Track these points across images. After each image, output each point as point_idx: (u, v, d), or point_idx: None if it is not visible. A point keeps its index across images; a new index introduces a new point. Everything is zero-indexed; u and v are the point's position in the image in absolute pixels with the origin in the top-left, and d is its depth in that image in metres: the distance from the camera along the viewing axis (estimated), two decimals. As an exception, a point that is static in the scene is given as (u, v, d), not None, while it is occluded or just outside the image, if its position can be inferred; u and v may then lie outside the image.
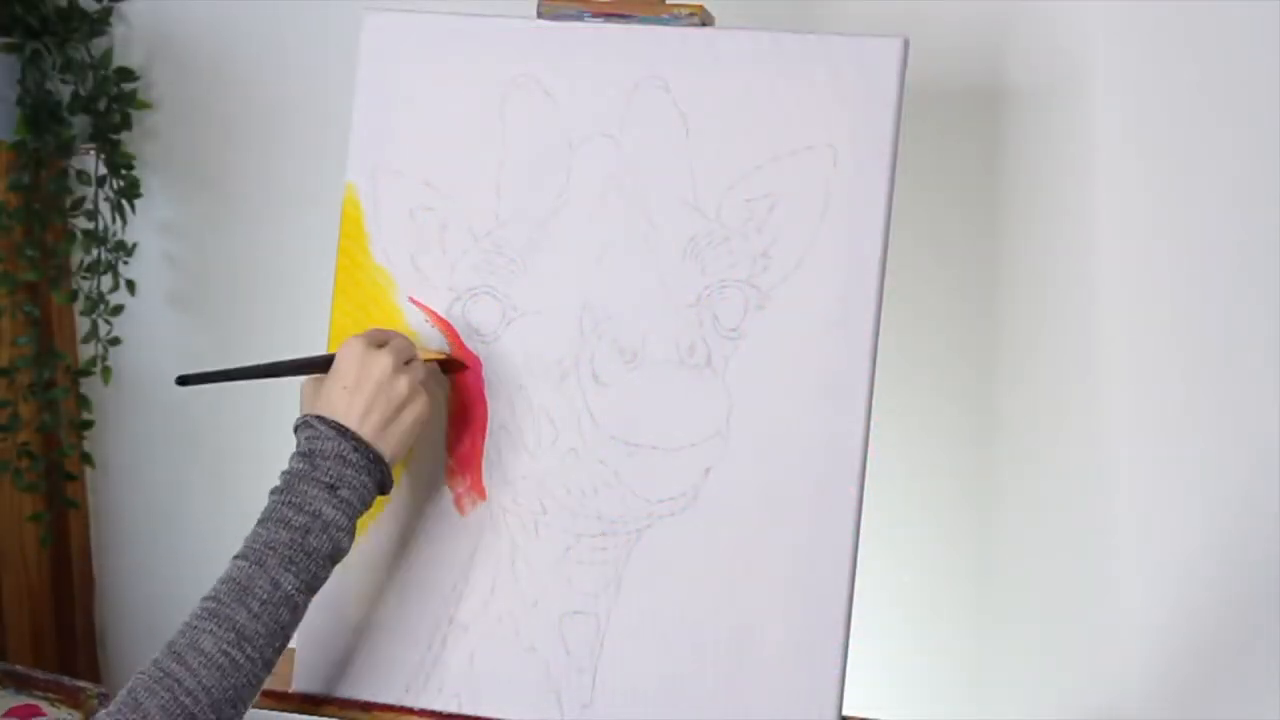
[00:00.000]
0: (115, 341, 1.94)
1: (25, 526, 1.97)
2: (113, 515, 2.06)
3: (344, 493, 1.15)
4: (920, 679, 1.68)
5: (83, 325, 1.94)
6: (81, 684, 1.38)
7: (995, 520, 1.64)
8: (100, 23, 1.86)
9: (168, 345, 1.98)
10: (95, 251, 1.89)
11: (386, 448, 1.18)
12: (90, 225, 1.88)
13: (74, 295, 1.93)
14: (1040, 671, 1.64)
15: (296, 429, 1.19)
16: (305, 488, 1.14)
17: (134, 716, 1.04)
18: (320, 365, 1.21)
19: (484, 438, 1.30)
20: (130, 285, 1.93)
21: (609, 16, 1.30)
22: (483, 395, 1.30)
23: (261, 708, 1.34)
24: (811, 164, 1.24)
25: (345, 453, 1.15)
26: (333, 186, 1.37)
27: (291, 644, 1.32)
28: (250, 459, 1.95)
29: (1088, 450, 1.58)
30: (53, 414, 1.92)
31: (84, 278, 1.91)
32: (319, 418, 1.17)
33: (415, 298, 1.32)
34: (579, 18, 1.31)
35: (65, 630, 2.06)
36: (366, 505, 1.17)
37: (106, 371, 1.93)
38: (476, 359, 1.30)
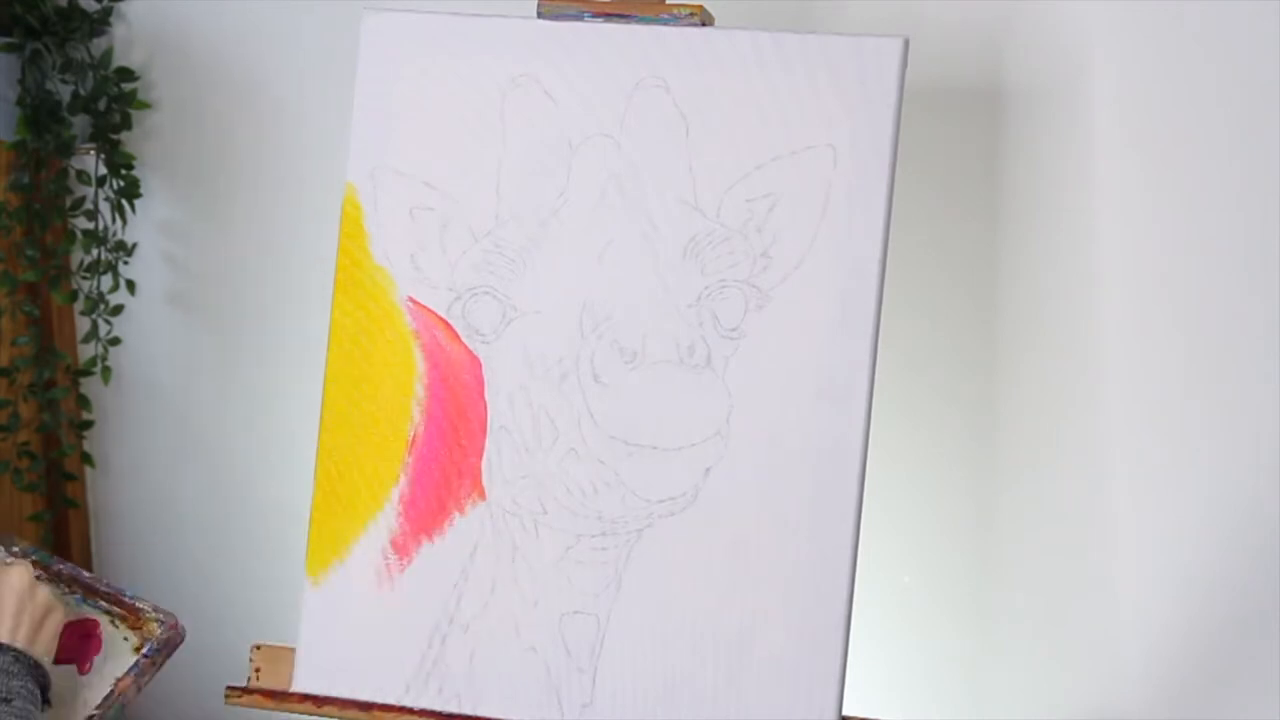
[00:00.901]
0: (115, 341, 1.94)
1: (25, 526, 1.97)
2: (113, 515, 2.06)
3: (17, 703, 1.20)
4: (920, 679, 1.68)
5: (83, 325, 1.94)
6: (141, 604, 1.39)
7: (995, 520, 1.64)
8: (100, 23, 1.86)
9: (168, 345, 1.98)
10: (95, 251, 1.89)
11: (38, 652, 1.25)
12: (90, 225, 1.88)
13: (74, 295, 1.92)
14: (1040, 671, 1.64)
15: None
16: None
17: None
18: None
19: (484, 438, 1.30)
20: (130, 285, 1.93)
21: (609, 16, 1.30)
22: (483, 395, 1.30)
23: (262, 708, 1.34)
24: (812, 164, 1.24)
25: (6, 665, 1.22)
26: (333, 186, 1.37)
27: (291, 644, 1.33)
28: (250, 459, 1.96)
29: (1087, 450, 1.58)
30: (53, 414, 1.92)
31: (84, 278, 1.90)
32: None
33: (415, 298, 1.32)
34: (579, 18, 1.31)
35: (65, 630, 2.05)
36: (37, 708, 1.23)
37: (106, 371, 1.93)
38: (476, 359, 1.30)
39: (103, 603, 1.40)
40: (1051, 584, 1.62)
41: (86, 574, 1.42)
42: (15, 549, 1.45)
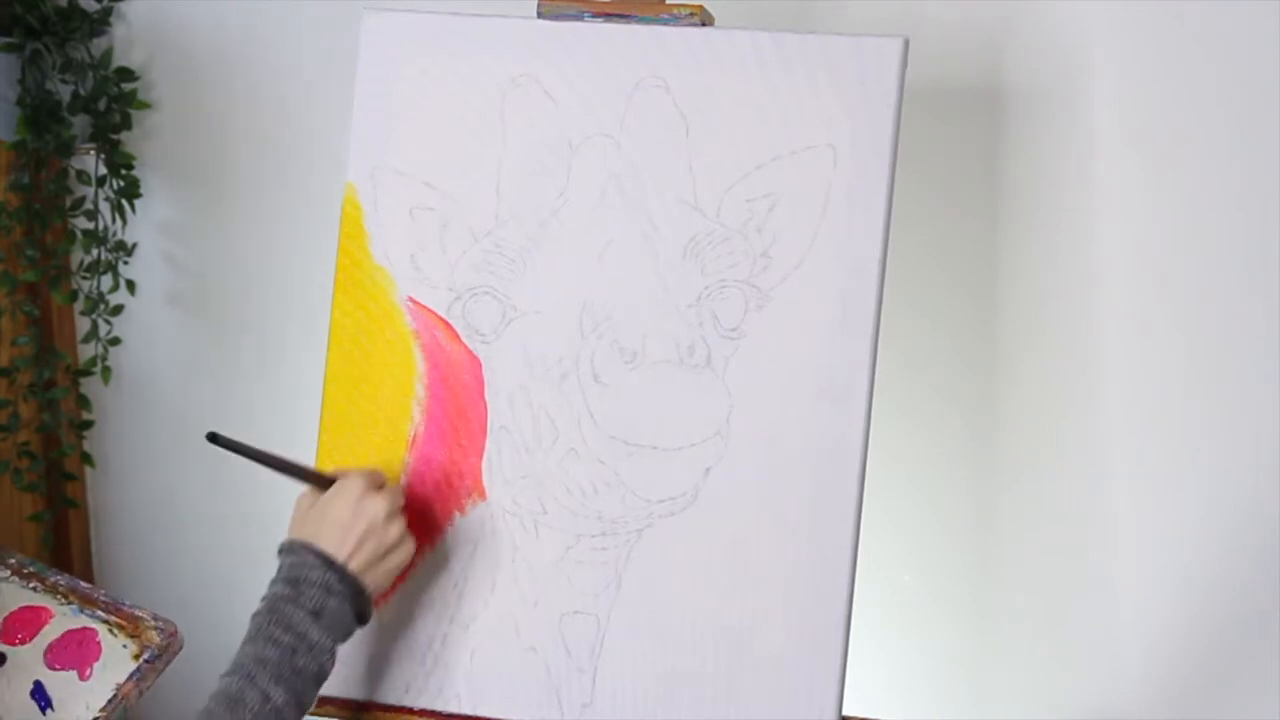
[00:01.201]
0: (115, 341, 1.94)
1: (25, 526, 1.97)
2: (113, 515, 2.06)
3: (327, 620, 1.18)
4: (920, 679, 1.68)
5: (83, 325, 1.94)
6: (140, 612, 1.39)
7: (995, 520, 1.64)
8: (100, 23, 1.86)
9: (168, 345, 1.98)
10: (95, 251, 1.89)
11: (371, 582, 1.22)
12: (90, 225, 1.88)
13: (74, 295, 1.93)
14: (1040, 671, 1.64)
15: (282, 551, 1.22)
16: (290, 610, 1.17)
17: None
18: (320, 483, 1.25)
19: (484, 438, 1.30)
20: (130, 285, 1.93)
21: (609, 16, 1.30)
22: (483, 395, 1.30)
23: (261, 708, 1.34)
24: (812, 164, 1.24)
25: (330, 583, 1.19)
26: (333, 186, 1.37)
27: (291, 644, 1.33)
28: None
29: (1087, 450, 1.58)
30: (53, 414, 1.92)
31: (84, 278, 1.91)
32: (306, 545, 1.20)
33: (415, 298, 1.32)
34: (579, 18, 1.31)
35: (65, 630, 2.05)
36: (348, 633, 1.20)
37: (106, 371, 1.93)
38: (476, 359, 1.30)
39: (100, 612, 1.40)
40: (1051, 584, 1.62)
41: (84, 584, 1.42)
42: (12, 560, 1.45)
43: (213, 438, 1.22)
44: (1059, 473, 1.60)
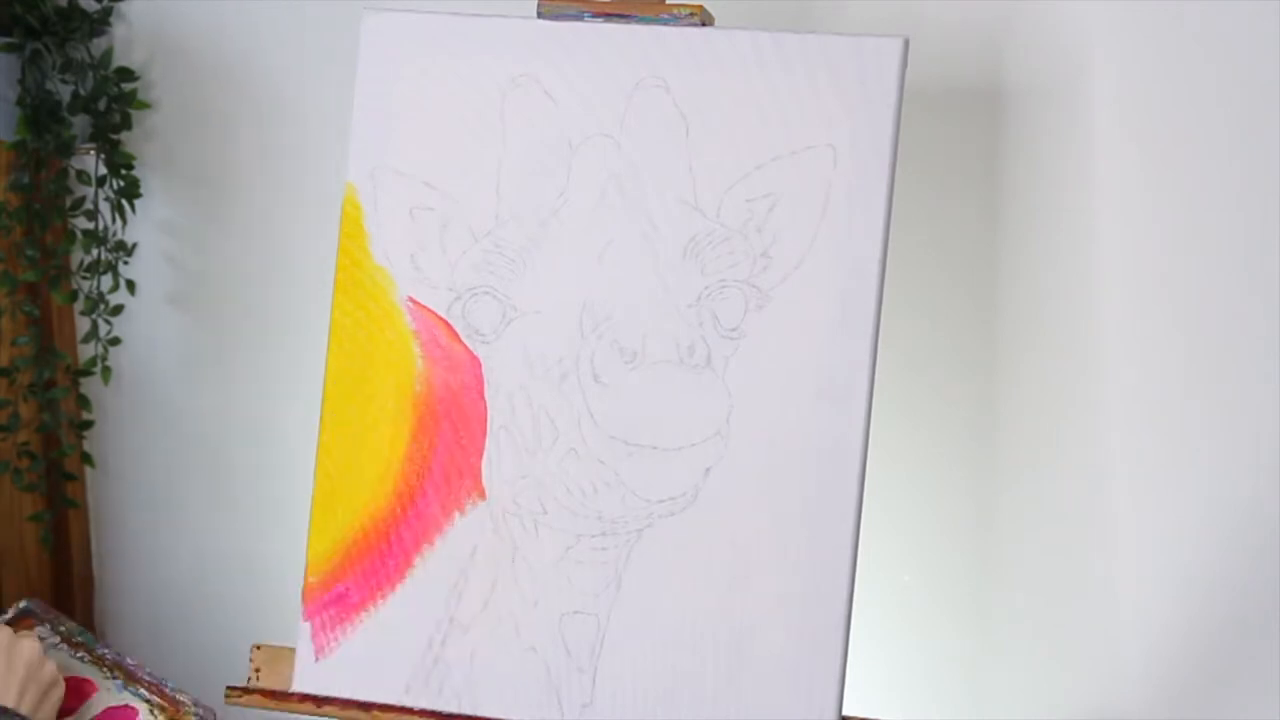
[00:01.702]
0: (115, 341, 1.94)
1: (25, 526, 1.97)
2: (113, 515, 2.06)
3: None
4: (920, 679, 1.68)
5: (83, 325, 1.94)
6: (182, 697, 1.40)
7: (995, 520, 1.64)
8: (100, 23, 1.86)
9: (168, 345, 1.98)
10: (95, 251, 1.89)
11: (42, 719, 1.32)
12: (90, 225, 1.88)
13: (74, 295, 1.92)
14: (1040, 671, 1.64)
15: None
16: None
17: None
18: None
19: (484, 438, 1.30)
20: (130, 285, 1.93)
21: (609, 16, 1.30)
22: (483, 395, 1.30)
23: (262, 707, 1.34)
24: (812, 164, 1.24)
25: None
26: (333, 186, 1.37)
27: (291, 644, 1.33)
28: (250, 459, 1.96)
29: (1088, 450, 1.58)
30: (53, 414, 1.92)
31: (84, 278, 1.90)
32: None
33: (415, 298, 1.32)
34: (579, 17, 1.31)
35: (65, 630, 2.06)
36: None
37: (106, 371, 1.93)
38: (476, 359, 1.30)
39: (144, 690, 1.41)
40: (1051, 584, 1.62)
41: (129, 660, 1.42)
42: (63, 628, 1.47)
43: None
44: (1059, 473, 1.60)
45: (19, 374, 1.90)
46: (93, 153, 1.88)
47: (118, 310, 1.93)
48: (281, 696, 1.32)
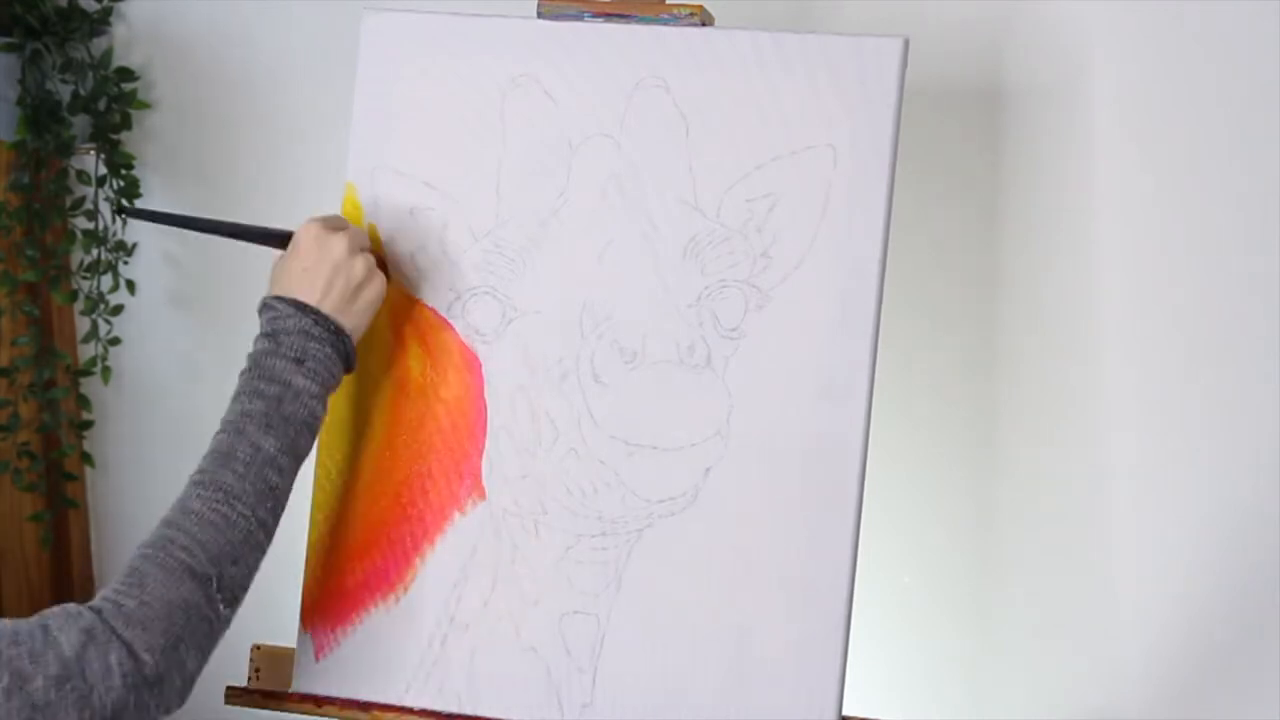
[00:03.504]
0: (115, 341, 1.94)
1: (25, 526, 1.97)
2: (113, 515, 2.06)
3: (310, 364, 1.18)
4: (920, 679, 1.68)
5: (83, 325, 1.94)
6: None
7: (995, 520, 1.64)
8: (100, 23, 1.86)
9: (168, 345, 1.98)
10: (95, 251, 1.89)
11: (347, 322, 1.21)
12: (90, 225, 1.88)
13: (74, 295, 1.93)
14: (1040, 671, 1.64)
15: (260, 311, 1.22)
16: (272, 362, 1.17)
17: (133, 581, 1.07)
18: (278, 240, 1.25)
19: (484, 438, 1.30)
20: (130, 285, 1.93)
21: (609, 16, 1.30)
22: (482, 395, 1.30)
23: (262, 708, 1.34)
24: (812, 164, 1.24)
25: (307, 327, 1.19)
26: (333, 186, 1.37)
27: (291, 644, 1.33)
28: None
29: (1088, 450, 1.58)
30: (53, 414, 1.92)
31: (84, 278, 1.91)
32: (278, 298, 1.20)
33: (415, 297, 1.32)
34: (579, 18, 1.31)
35: (65, 630, 2.05)
36: (334, 377, 1.21)
37: (106, 371, 1.93)
38: (476, 359, 1.30)
39: None
40: (1051, 584, 1.62)
41: None
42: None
43: (121, 210, 1.23)
44: (1059, 473, 1.60)
45: (19, 374, 1.90)
46: (93, 153, 1.88)
47: (118, 310, 1.93)
48: (281, 697, 1.32)
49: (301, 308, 1.19)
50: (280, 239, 1.26)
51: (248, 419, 1.15)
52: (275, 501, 1.15)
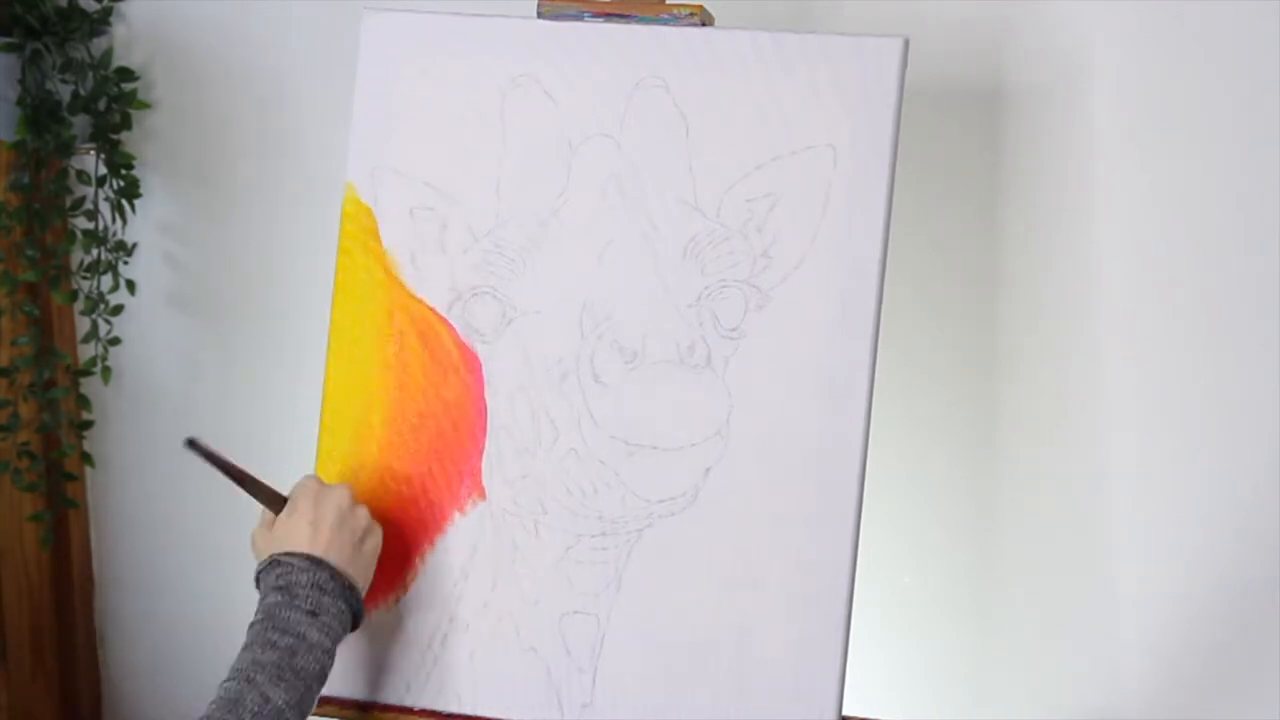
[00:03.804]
0: (115, 341, 1.94)
1: (25, 526, 1.97)
2: (113, 515, 2.06)
3: (324, 618, 1.17)
4: (920, 679, 1.68)
5: (83, 325, 1.94)
6: None
7: (995, 520, 1.64)
8: (100, 23, 1.86)
9: (168, 345, 1.98)
10: (95, 251, 1.89)
11: (356, 576, 1.21)
12: (90, 225, 1.88)
13: (74, 295, 1.92)
14: (1040, 671, 1.64)
15: (261, 573, 1.20)
16: (287, 614, 1.16)
17: None
18: (275, 502, 1.25)
19: (484, 438, 1.30)
20: (130, 285, 1.93)
21: (609, 16, 1.30)
22: (483, 395, 1.30)
23: (262, 708, 1.34)
24: (812, 164, 1.24)
25: (322, 582, 1.18)
26: (333, 186, 1.37)
27: (291, 644, 1.33)
28: (250, 459, 1.95)
29: (1088, 450, 1.58)
30: (53, 414, 1.92)
31: (84, 278, 1.91)
32: (286, 554, 1.19)
33: (415, 297, 1.32)
34: (579, 18, 1.31)
35: (65, 630, 2.05)
36: (344, 631, 1.19)
37: (106, 371, 1.93)
38: (476, 359, 1.30)
39: None
40: (1052, 584, 1.62)
41: None
42: None
43: (191, 444, 1.21)
44: (1059, 473, 1.60)
45: (19, 374, 1.90)
46: (93, 153, 1.88)
47: (118, 310, 1.93)
48: (281, 696, 1.32)
49: (315, 562, 1.18)
50: (277, 500, 1.25)
51: (258, 669, 1.13)
52: None
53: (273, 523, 1.23)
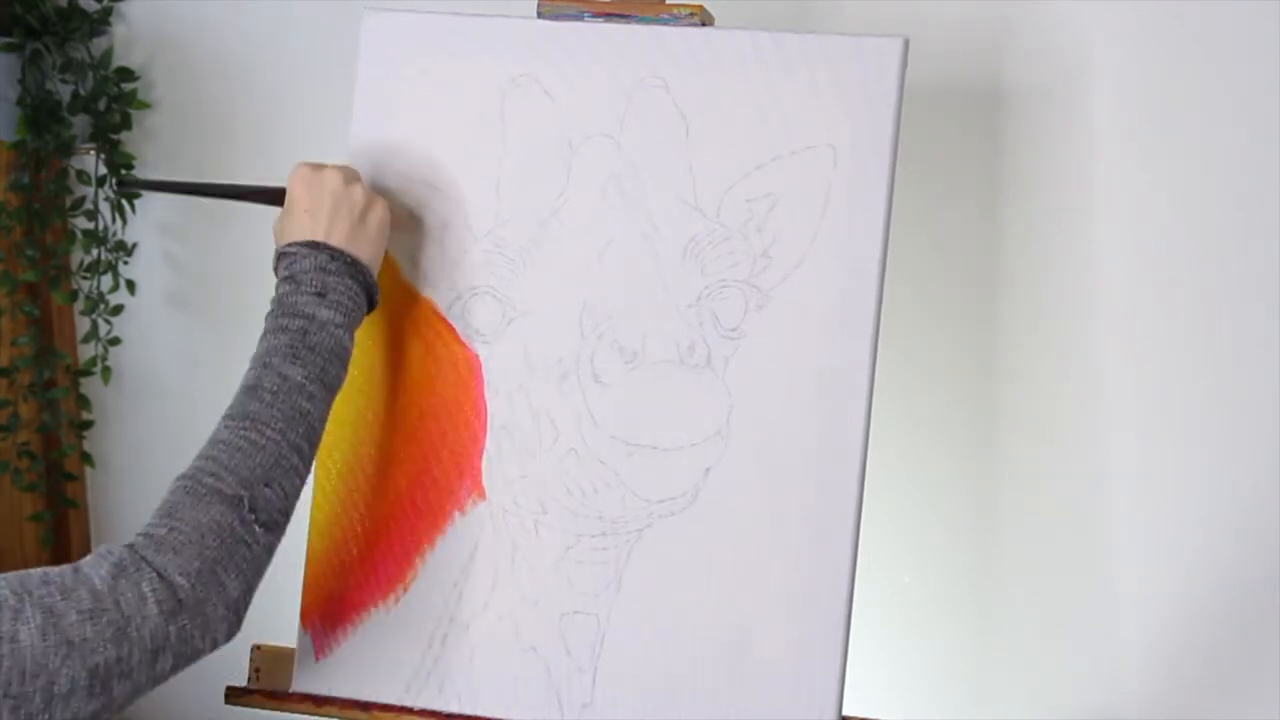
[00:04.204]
0: (115, 341, 1.94)
1: (25, 526, 1.97)
2: (113, 515, 2.06)
3: (332, 296, 1.18)
4: (920, 679, 1.68)
5: (83, 325, 1.94)
6: None
7: (995, 520, 1.64)
8: (100, 23, 1.86)
9: (168, 345, 1.98)
10: (95, 251, 1.89)
11: (361, 252, 1.22)
12: (90, 225, 1.88)
13: (74, 295, 1.93)
14: (1040, 671, 1.64)
15: (275, 262, 1.22)
16: (294, 299, 1.18)
17: (164, 512, 1.08)
18: (275, 196, 1.26)
19: (484, 437, 1.30)
20: (130, 285, 1.93)
21: (609, 16, 1.30)
22: (483, 395, 1.30)
23: (262, 708, 1.34)
24: (812, 164, 1.24)
25: (323, 263, 1.19)
26: (333, 186, 1.37)
27: (291, 644, 1.33)
28: (250, 459, 1.95)
29: (1088, 450, 1.58)
30: (53, 414, 1.92)
31: (84, 278, 1.91)
32: (290, 243, 1.21)
33: (415, 297, 1.32)
34: (579, 18, 1.31)
35: (65, 630, 2.05)
36: (358, 308, 1.21)
37: (106, 371, 1.93)
38: (476, 358, 1.30)
39: None
40: (1052, 584, 1.62)
41: None
42: None
43: (123, 182, 1.24)
44: (1059, 473, 1.60)
45: (19, 374, 1.90)
46: (93, 153, 1.88)
47: (118, 310, 1.93)
48: (281, 696, 1.32)
49: (314, 245, 1.20)
50: (276, 195, 1.26)
51: (273, 353, 1.16)
52: (308, 427, 1.15)
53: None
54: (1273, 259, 1.48)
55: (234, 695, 1.34)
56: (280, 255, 1.22)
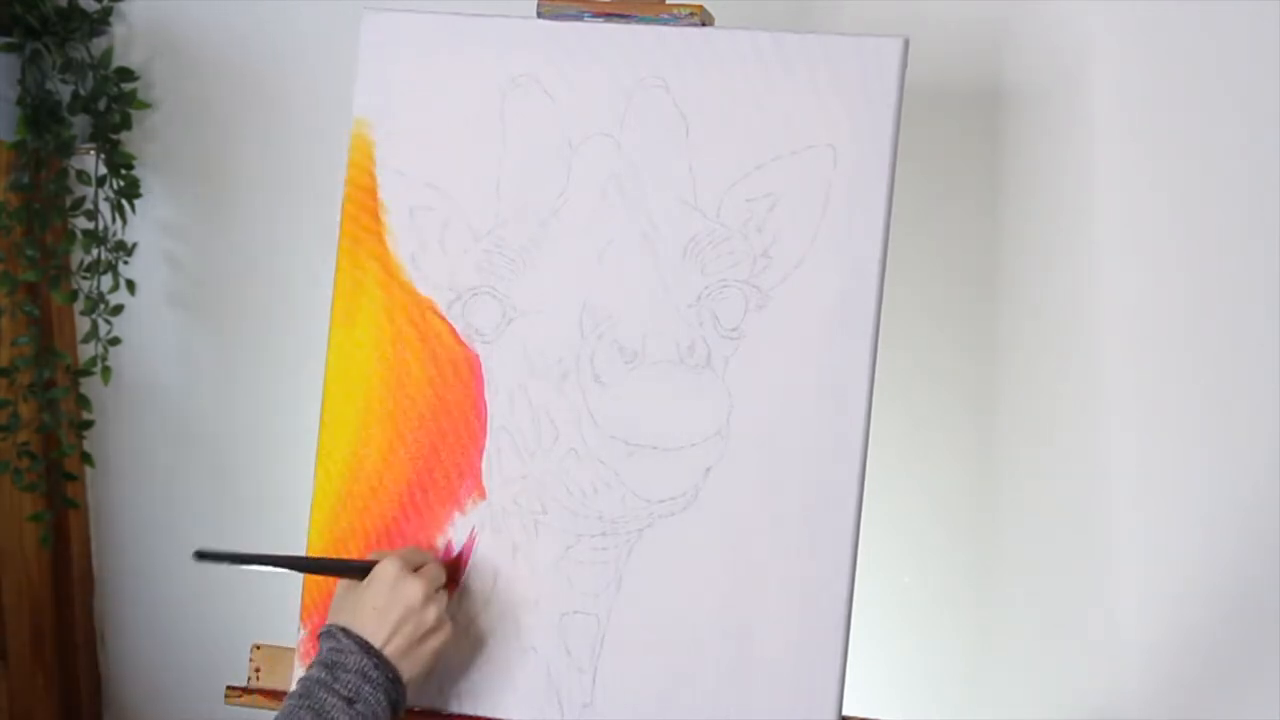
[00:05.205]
0: (115, 341, 1.94)
1: (25, 526, 1.97)
2: (113, 515, 2.06)
3: (360, 707, 1.16)
4: (920, 679, 1.68)
5: (83, 325, 1.94)
6: None
7: (996, 521, 1.64)
8: (100, 23, 1.86)
9: (168, 345, 1.98)
10: (95, 251, 1.89)
11: (406, 670, 1.20)
12: (90, 225, 1.88)
13: (74, 295, 1.93)
14: (1040, 672, 1.64)
15: (320, 636, 1.20)
16: (324, 695, 1.15)
17: None
18: (359, 572, 1.23)
19: (484, 437, 1.30)
20: (130, 285, 1.93)
21: (609, 16, 1.30)
22: (482, 395, 1.30)
23: (262, 708, 1.34)
24: (812, 164, 1.24)
25: (367, 669, 1.17)
26: (332, 186, 1.37)
27: (291, 644, 1.33)
28: (250, 459, 1.96)
29: (1087, 450, 1.58)
30: (53, 414, 1.92)
31: (84, 278, 1.91)
32: (345, 630, 1.18)
33: (415, 297, 1.32)
34: (579, 17, 1.31)
35: (65, 630, 2.06)
36: None
37: (106, 371, 1.93)
38: (476, 358, 1.30)
39: None
40: (1052, 584, 1.62)
41: None
42: None
43: (200, 556, 1.22)
44: (1060, 473, 1.60)
45: (19, 374, 1.90)
46: (93, 153, 1.88)
47: (118, 310, 1.93)
48: (281, 696, 1.32)
49: (365, 648, 1.17)
50: (361, 571, 1.23)
51: None
52: None
53: (353, 585, 1.23)
54: (1273, 259, 1.48)
55: (234, 695, 1.34)
56: (328, 634, 1.19)
